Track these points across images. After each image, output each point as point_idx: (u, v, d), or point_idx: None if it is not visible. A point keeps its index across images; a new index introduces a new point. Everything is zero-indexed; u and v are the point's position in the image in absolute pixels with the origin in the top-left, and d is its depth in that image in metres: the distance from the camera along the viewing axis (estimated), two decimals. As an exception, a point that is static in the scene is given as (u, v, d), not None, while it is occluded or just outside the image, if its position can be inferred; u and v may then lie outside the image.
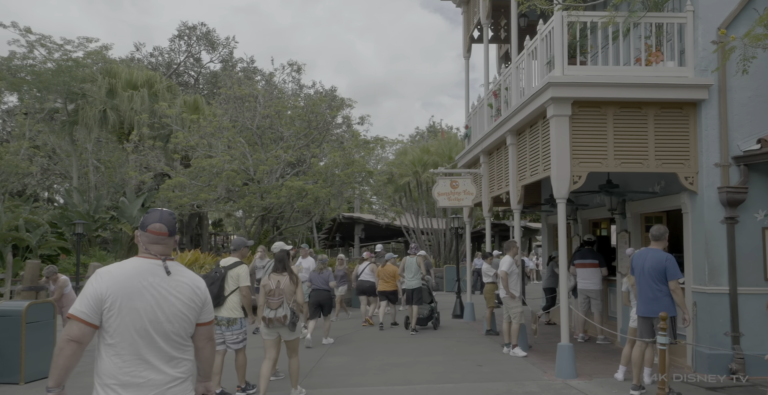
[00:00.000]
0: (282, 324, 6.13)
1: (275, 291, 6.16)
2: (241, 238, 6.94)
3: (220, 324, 6.36)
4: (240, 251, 6.70)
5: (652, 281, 6.38)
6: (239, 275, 6.43)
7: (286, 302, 6.16)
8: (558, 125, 7.60)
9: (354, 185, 17.38)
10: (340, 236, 32.24)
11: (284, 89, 23.11)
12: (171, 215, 2.84)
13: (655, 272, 6.36)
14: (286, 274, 6.31)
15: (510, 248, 9.30)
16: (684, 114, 7.71)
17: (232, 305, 6.37)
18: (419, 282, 11.62)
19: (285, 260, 6.43)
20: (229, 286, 6.38)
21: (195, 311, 2.74)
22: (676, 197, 8.12)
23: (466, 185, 11.72)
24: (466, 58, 13.98)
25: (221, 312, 6.34)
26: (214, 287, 6.21)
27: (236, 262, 6.55)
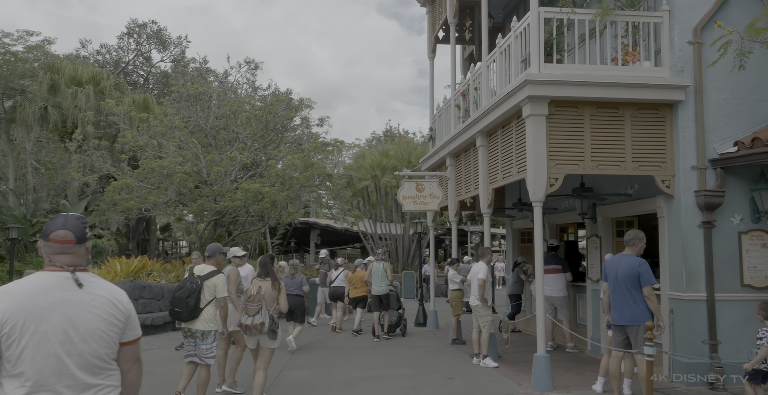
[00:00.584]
0: (259, 332, 5.93)
1: (255, 297, 5.97)
2: (217, 244, 6.59)
3: (194, 336, 6.07)
4: (215, 258, 6.35)
5: (626, 287, 6.13)
6: (216, 286, 6.10)
7: (265, 308, 5.96)
8: (534, 124, 7.27)
9: (313, 189, 16.76)
10: (295, 241, 31.48)
11: (239, 91, 22.27)
12: (79, 219, 2.41)
13: (629, 279, 6.11)
14: (268, 279, 6.10)
15: (485, 254, 8.94)
16: (660, 115, 7.51)
17: (208, 317, 6.06)
18: (387, 288, 11.50)
19: (268, 265, 6.21)
20: (206, 297, 6.05)
21: (117, 328, 2.36)
22: (651, 201, 7.91)
23: (433, 189, 11.33)
24: (431, 58, 13.64)
25: (196, 324, 6.02)
26: (192, 300, 5.93)
27: (212, 271, 6.18)
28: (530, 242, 13.35)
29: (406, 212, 11.39)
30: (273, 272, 6.21)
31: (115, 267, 14.59)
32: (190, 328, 6.05)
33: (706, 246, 7.23)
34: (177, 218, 20.30)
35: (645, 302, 6.09)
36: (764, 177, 7.22)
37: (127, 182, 15.67)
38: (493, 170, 8.96)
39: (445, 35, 13.81)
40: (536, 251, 7.39)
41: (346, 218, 18.64)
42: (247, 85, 33.00)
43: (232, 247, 7.78)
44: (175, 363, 9.14)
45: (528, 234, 13.32)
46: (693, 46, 7.38)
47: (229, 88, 17.44)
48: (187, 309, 5.90)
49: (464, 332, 11.50)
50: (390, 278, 11.66)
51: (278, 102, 16.74)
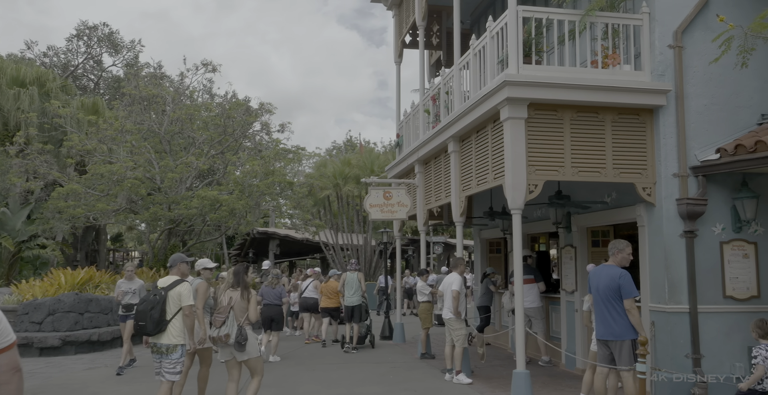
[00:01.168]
0: (225, 343, 5.76)
1: (224, 308, 5.82)
2: (179, 254, 6.37)
3: (159, 351, 5.75)
4: (177, 267, 6.11)
5: (608, 300, 5.82)
6: (181, 295, 5.82)
7: (234, 319, 5.78)
8: (513, 128, 6.91)
9: (274, 197, 16.09)
10: (253, 252, 30.53)
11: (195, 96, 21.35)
12: None
13: (610, 291, 5.80)
14: (238, 290, 5.92)
15: (458, 265, 8.52)
16: (641, 121, 7.26)
17: (175, 330, 5.77)
18: (360, 299, 11.41)
19: (241, 274, 6.01)
20: (171, 309, 5.78)
21: None
22: (630, 210, 7.64)
23: (401, 197, 10.88)
24: (398, 63, 13.27)
25: (162, 338, 5.72)
26: (156, 312, 5.65)
27: (176, 280, 5.93)
28: (498, 253, 13.04)
29: (372, 220, 10.90)
30: (245, 281, 5.97)
31: (60, 279, 13.60)
32: (156, 343, 5.74)
33: (688, 256, 6.97)
34: (128, 227, 19.24)
35: (626, 316, 5.78)
36: (746, 186, 7.03)
37: (74, 189, 14.68)
38: (466, 176, 8.57)
39: (412, 40, 13.48)
40: (515, 261, 7.00)
41: (308, 228, 18.01)
42: (204, 92, 32.04)
43: (200, 259, 7.44)
44: (123, 384, 8.38)
45: (497, 244, 13.01)
46: (674, 49, 7.17)
47: (186, 91, 16.60)
48: (152, 322, 5.62)
49: (433, 345, 11.04)
50: (364, 288, 11.55)
51: (237, 106, 16.05)
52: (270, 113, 16.15)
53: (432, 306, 10.56)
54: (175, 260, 6.15)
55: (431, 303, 10.54)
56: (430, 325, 10.41)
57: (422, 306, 10.48)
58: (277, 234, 29.24)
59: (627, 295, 5.73)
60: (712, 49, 7.30)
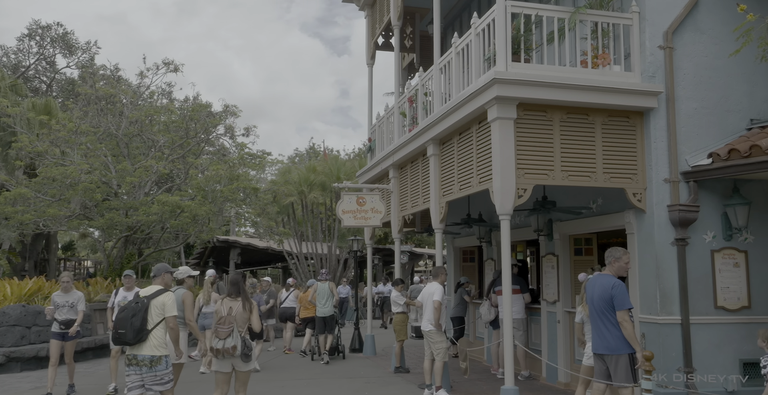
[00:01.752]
0: (231, 356, 5.67)
1: (226, 319, 5.72)
2: (163, 264, 6.22)
3: (140, 364, 5.41)
4: (161, 277, 5.91)
5: (602, 312, 5.48)
6: (165, 304, 5.58)
7: (236, 330, 5.71)
8: (502, 129, 6.55)
9: (238, 203, 15.41)
10: (213, 261, 29.54)
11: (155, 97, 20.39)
12: None
13: (603, 302, 5.46)
14: (239, 299, 5.85)
15: (439, 274, 8.09)
16: (631, 124, 7.00)
17: (157, 341, 5.49)
18: (332, 309, 11.26)
19: (240, 283, 5.97)
20: (153, 318, 5.53)
21: None
22: (618, 216, 7.36)
23: (375, 203, 10.42)
24: (370, 65, 12.85)
25: (143, 349, 5.42)
26: (137, 320, 5.40)
27: (160, 290, 5.71)
28: (472, 261, 12.70)
29: (345, 228, 10.40)
30: (245, 291, 5.94)
31: (5, 290, 12.60)
32: (135, 354, 5.42)
33: (680, 265, 6.70)
34: (81, 234, 18.15)
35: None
36: (738, 192, 6.82)
37: (22, 193, 13.71)
38: (447, 181, 8.17)
39: (385, 41, 13.09)
40: (504, 271, 6.60)
41: (273, 236, 17.32)
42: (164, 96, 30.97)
43: (181, 267, 7.20)
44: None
45: (470, 253, 12.66)
46: (664, 50, 6.94)
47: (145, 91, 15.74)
48: (132, 330, 5.35)
49: (407, 358, 10.57)
50: (336, 298, 11.40)
51: (200, 108, 15.34)
52: (235, 116, 15.50)
53: (407, 317, 10.10)
54: (159, 270, 5.94)
55: (406, 314, 10.08)
56: (405, 337, 9.94)
57: (397, 317, 10.01)
58: (238, 243, 28.35)
59: (619, 306, 5.39)
60: (703, 50, 7.15)
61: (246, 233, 33.70)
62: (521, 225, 9.86)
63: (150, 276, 7.80)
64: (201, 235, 15.14)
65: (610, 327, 5.42)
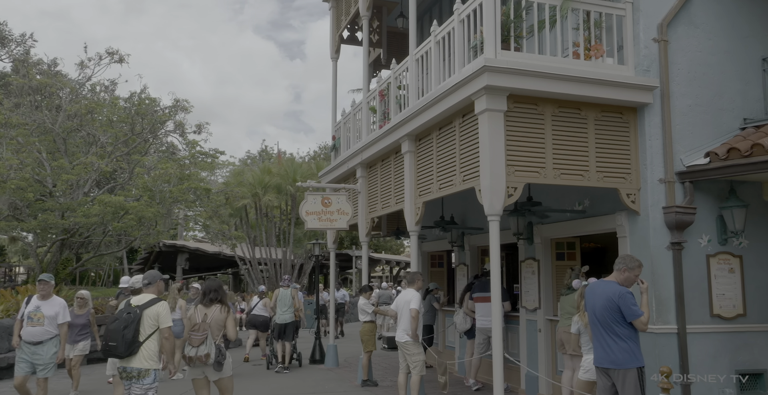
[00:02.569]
0: (204, 363, 5.59)
1: (200, 326, 5.61)
2: (156, 271, 5.87)
3: (130, 376, 5.23)
4: (155, 285, 5.66)
5: (606, 322, 4.97)
6: (159, 314, 5.37)
7: (211, 338, 5.64)
8: (492, 122, 5.98)
9: (189, 204, 14.38)
10: (159, 267, 28.06)
11: (98, 89, 18.91)
12: None
13: (607, 312, 4.95)
14: (215, 306, 5.78)
15: (415, 280, 7.47)
16: (624, 120, 6.56)
17: (148, 353, 5.28)
18: (292, 316, 10.97)
19: (220, 291, 5.90)
20: (146, 329, 5.31)
21: None
22: (608, 219, 6.91)
23: (341, 204, 9.72)
24: (334, 59, 12.16)
25: (133, 361, 5.22)
26: (129, 331, 5.18)
27: (153, 299, 5.46)
28: (441, 267, 12.16)
29: (308, 230, 9.66)
30: (224, 298, 5.88)
31: None
32: (125, 367, 5.25)
33: (675, 271, 6.29)
34: (11, 238, 16.67)
35: (630, 339, 4.94)
36: (734, 193, 6.48)
37: (-57, 191, 12.32)
38: (424, 180, 7.57)
39: (350, 35, 12.47)
40: (493, 275, 6.02)
41: (225, 240, 16.33)
42: (107, 92, 29.30)
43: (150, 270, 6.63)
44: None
45: (439, 258, 12.10)
46: (659, 43, 6.55)
47: (86, 82, 14.47)
48: (124, 343, 5.14)
49: (375, 371, 9.89)
50: (297, 306, 11.12)
51: (149, 101, 14.25)
52: (185, 112, 14.49)
53: (375, 326, 9.43)
54: (154, 277, 5.67)
55: (374, 323, 9.41)
56: (374, 348, 9.26)
57: (364, 326, 9.31)
58: (186, 247, 27.07)
59: (631, 317, 4.88)
60: (697, 45, 6.81)
61: (195, 238, 32.27)
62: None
63: (89, 284, 7.01)
64: (147, 238, 14.02)
65: (615, 339, 4.91)
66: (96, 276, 42.73)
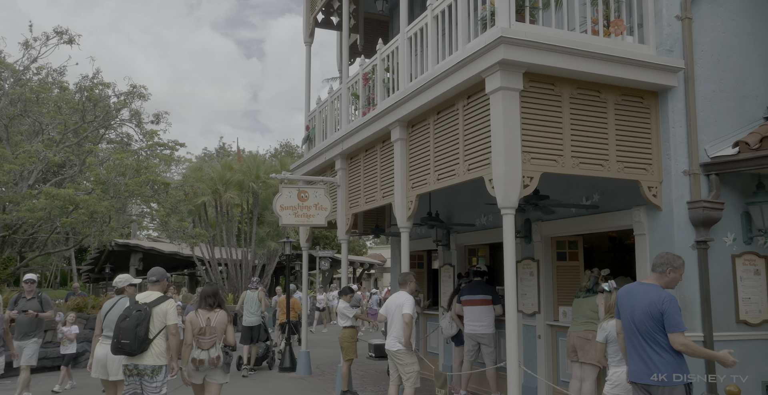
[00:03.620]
0: (215, 366, 5.73)
1: (206, 330, 5.73)
2: (161, 268, 5.99)
3: (141, 373, 5.36)
4: (162, 283, 5.83)
5: (647, 331, 4.28)
6: (167, 312, 5.53)
7: (218, 341, 5.78)
8: (507, 103, 5.25)
9: (146, 199, 13.22)
10: (111, 267, 26.50)
11: (45, 74, 17.34)
12: None
13: (649, 319, 4.26)
14: (217, 310, 5.90)
15: (407, 281, 6.70)
16: (645, 106, 5.94)
17: (158, 350, 5.46)
18: (259, 319, 10.86)
19: (218, 295, 5.99)
20: (155, 326, 5.47)
21: None
22: (623, 215, 6.28)
23: (319, 198, 8.86)
24: (308, 43, 11.27)
25: (145, 358, 5.37)
26: (141, 329, 5.32)
27: (161, 296, 5.64)
28: (420, 267, 11.40)
29: (284, 226, 8.79)
30: (223, 302, 5.98)
31: None
32: (136, 364, 5.36)
33: (701, 272, 5.70)
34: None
35: (675, 351, 4.26)
36: (763, 188, 5.92)
37: None
38: (419, 170, 6.80)
39: (325, 18, 11.64)
40: (507, 277, 5.28)
41: (185, 238, 15.21)
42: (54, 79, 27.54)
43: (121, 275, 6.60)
44: None
45: (418, 258, 11.35)
46: (682, 21, 5.96)
47: (31, 64, 13.12)
48: (137, 341, 5.27)
49: (355, 381, 9.06)
50: (263, 308, 11.04)
51: (102, 87, 13.05)
52: (143, 99, 13.33)
53: (356, 332, 8.60)
54: (161, 275, 5.81)
55: (355, 329, 8.58)
56: (354, 356, 8.43)
57: (345, 332, 8.48)
58: (140, 247, 25.58)
59: (674, 328, 4.19)
60: (720, 25, 6.25)
61: (150, 237, 30.68)
62: (488, 226, 8.68)
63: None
64: (100, 236, 12.81)
65: (659, 351, 4.23)
66: (42, 277, 40.44)
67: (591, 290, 6.48)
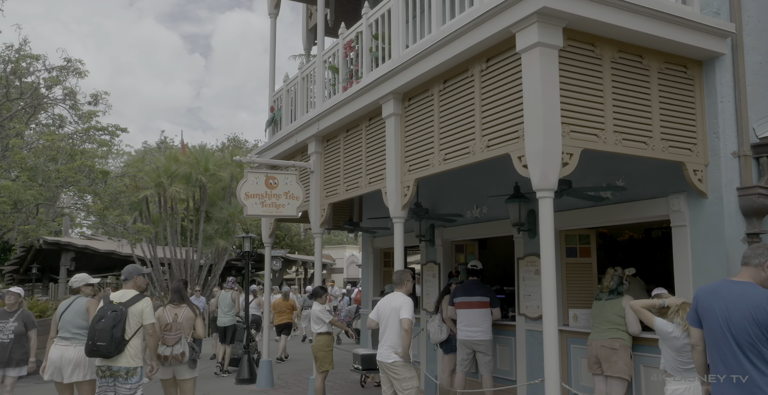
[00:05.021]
0: (180, 362, 5.67)
1: (172, 326, 5.71)
2: (135, 265, 5.69)
3: (115, 375, 5.09)
4: (134, 280, 5.48)
5: (747, 342, 3.33)
6: (143, 311, 5.26)
7: (184, 337, 5.76)
8: (545, 62, 4.31)
9: (82, 189, 11.60)
10: (38, 268, 24.28)
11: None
12: None
13: (754, 326, 3.30)
14: (184, 306, 5.90)
15: (403, 281, 5.67)
16: (689, 76, 5.13)
17: (134, 351, 5.18)
18: (234, 319, 10.75)
19: (182, 290, 6.05)
20: (131, 327, 5.20)
21: None
22: (658, 203, 5.46)
23: (291, 185, 7.71)
24: (273, 15, 10.06)
25: (120, 360, 5.10)
26: (118, 330, 5.05)
27: (136, 295, 5.32)
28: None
29: (249, 217, 7.60)
30: (188, 298, 6.04)
31: None
32: (110, 366, 5.10)
33: (752, 269, 4.92)
34: None
35: None
36: (815, 172, 5.21)
37: None
38: (419, 149, 5.79)
39: (293, -10, 10.47)
40: (545, 273, 4.33)
41: (127, 233, 13.63)
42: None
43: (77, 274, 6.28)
44: None
45: (393, 255, 10.32)
46: (729, -20, 5.19)
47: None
48: (114, 342, 5.01)
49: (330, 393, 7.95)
50: (238, 309, 10.89)
51: (31, 59, 11.38)
52: (79, 76, 11.76)
53: (332, 340, 7.49)
54: (131, 273, 5.57)
55: (331, 335, 7.47)
56: (331, 367, 7.32)
57: (319, 339, 7.34)
58: (72, 245, 23.51)
59: None
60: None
61: (83, 236, 28.42)
62: (481, 219, 7.76)
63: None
64: (26, 230, 11.15)
65: (763, 368, 3.35)
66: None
67: (615, 291, 5.63)
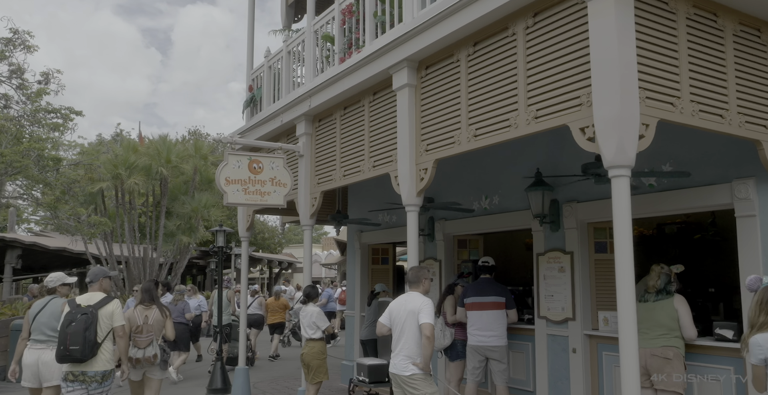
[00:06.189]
0: (152, 364, 5.64)
1: (143, 328, 5.65)
2: (101, 267, 5.52)
3: (88, 380, 4.95)
4: (99, 282, 5.35)
5: None
6: (113, 313, 5.17)
7: (155, 339, 5.72)
8: (620, 12, 3.52)
9: (32, 176, 10.30)
10: (-20, 265, 22.42)
11: None
12: None
13: None
14: (154, 307, 5.81)
15: (420, 279, 4.81)
16: (762, 42, 4.44)
17: (108, 354, 5.10)
18: (229, 318, 10.55)
19: (153, 291, 5.95)
20: (103, 330, 5.06)
21: None
22: (717, 190, 4.76)
23: (277, 170, 6.75)
24: (253, -14, 9.06)
25: (95, 365, 4.97)
26: (90, 333, 4.91)
27: (105, 298, 5.19)
28: (385, 263, 9.53)
29: (229, 205, 6.60)
30: (158, 298, 5.93)
31: None
32: (84, 371, 4.94)
33: (834, 265, 4.26)
34: None
35: None
36: None
37: None
38: (441, 125, 4.93)
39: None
40: (620, 277, 3.52)
41: (82, 227, 12.30)
42: None
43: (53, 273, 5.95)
44: None
45: (383, 252, 9.46)
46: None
47: None
48: (87, 346, 4.86)
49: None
50: (232, 308, 10.95)
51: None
52: (28, 50, 10.46)
53: (325, 346, 6.56)
54: (96, 275, 5.35)
55: (324, 342, 6.54)
56: (326, 377, 6.39)
57: (312, 346, 6.40)
58: (19, 242, 21.78)
59: None
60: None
61: (31, 232, 26.53)
62: (492, 211, 6.96)
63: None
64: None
65: None
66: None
67: (664, 290, 4.91)
